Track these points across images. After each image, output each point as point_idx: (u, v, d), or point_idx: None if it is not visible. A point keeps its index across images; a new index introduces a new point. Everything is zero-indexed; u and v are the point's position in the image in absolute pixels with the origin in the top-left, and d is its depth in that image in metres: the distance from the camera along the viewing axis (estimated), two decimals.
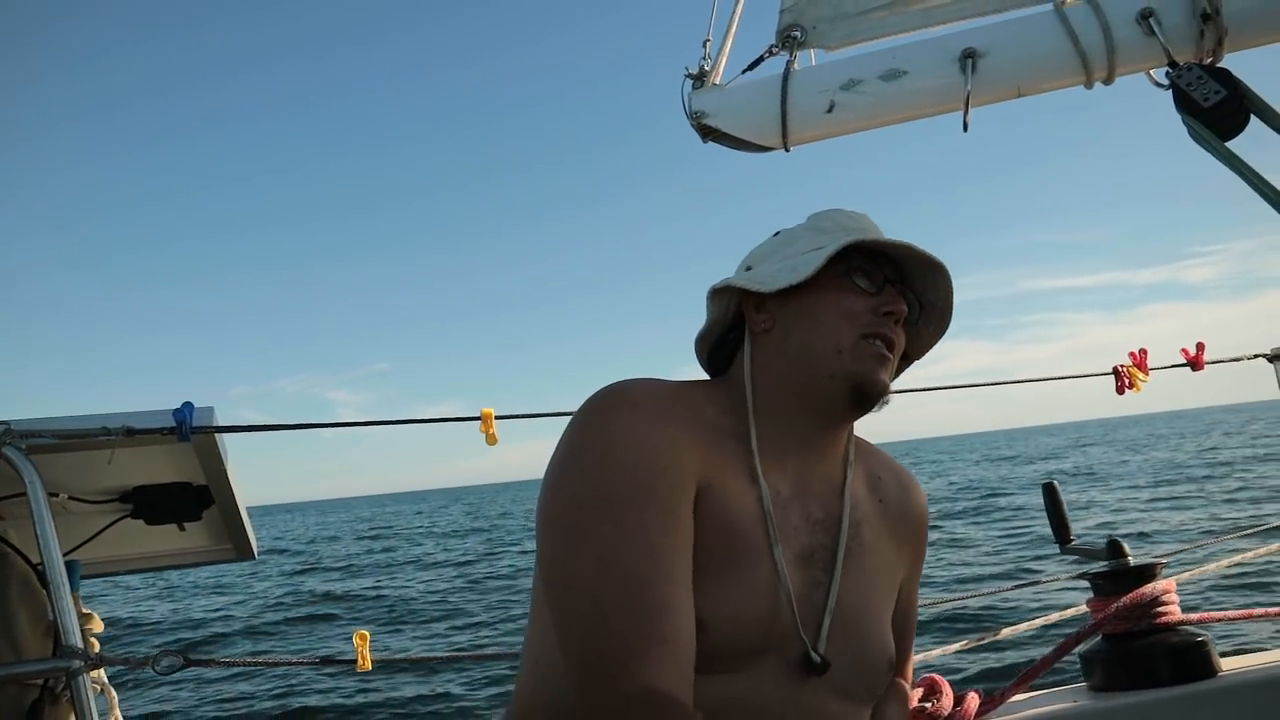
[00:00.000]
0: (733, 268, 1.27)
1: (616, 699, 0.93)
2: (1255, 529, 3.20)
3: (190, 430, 1.64)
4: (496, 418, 1.80)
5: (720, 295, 1.21)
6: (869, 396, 1.13)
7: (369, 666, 1.76)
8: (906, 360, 1.28)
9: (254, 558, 2.26)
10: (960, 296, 1.23)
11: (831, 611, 1.12)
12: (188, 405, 1.66)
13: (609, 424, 1.05)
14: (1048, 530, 1.71)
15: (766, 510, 1.09)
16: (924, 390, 2.25)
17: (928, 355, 1.31)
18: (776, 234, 1.26)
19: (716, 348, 1.24)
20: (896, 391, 1.25)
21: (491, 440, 1.77)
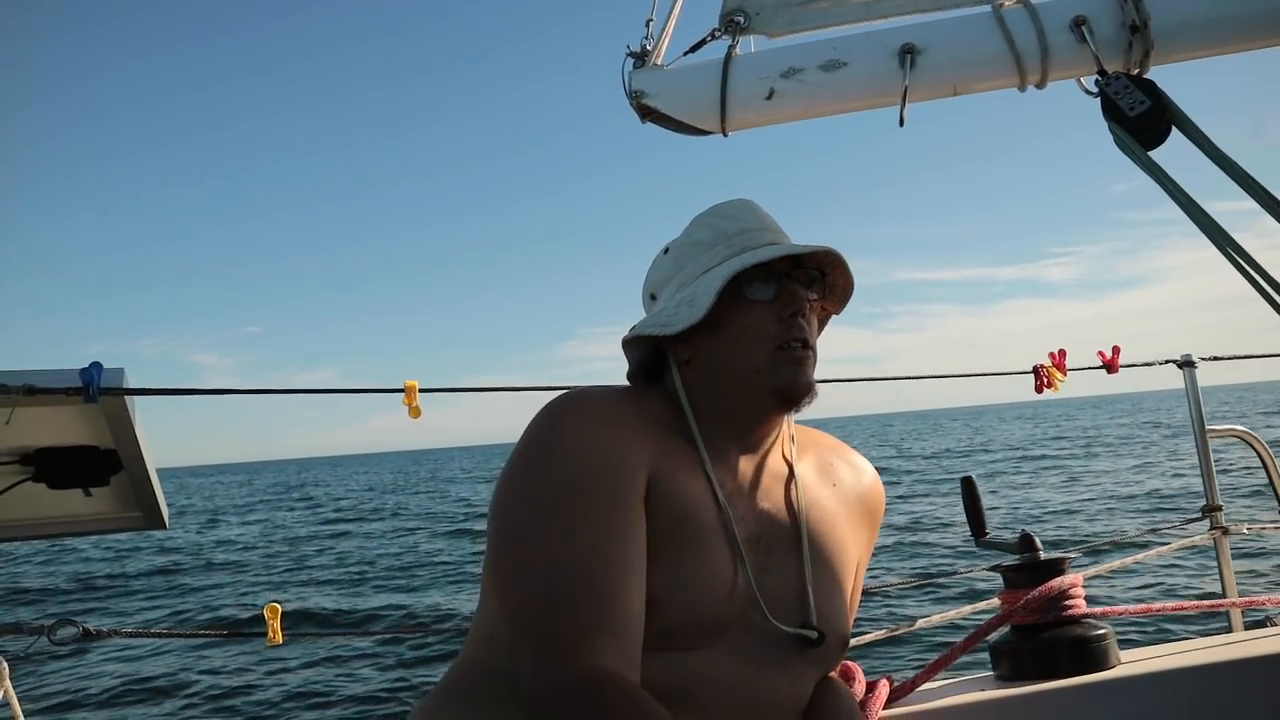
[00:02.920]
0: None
1: (564, 684, 0.97)
2: (1158, 527, 3.32)
3: (98, 391, 1.58)
4: (421, 391, 1.77)
5: (634, 342, 1.27)
6: (795, 401, 1.20)
7: (280, 640, 1.72)
8: (828, 313, 1.34)
9: (165, 527, 2.19)
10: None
11: (811, 585, 1.19)
12: (95, 365, 1.59)
13: (559, 426, 1.11)
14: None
15: (718, 497, 1.15)
16: (850, 381, 2.28)
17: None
18: (666, 250, 1.31)
19: (648, 367, 1.30)
20: (833, 380, 1.29)
21: (415, 413, 1.75)
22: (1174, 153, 1.51)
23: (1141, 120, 1.50)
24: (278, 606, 1.78)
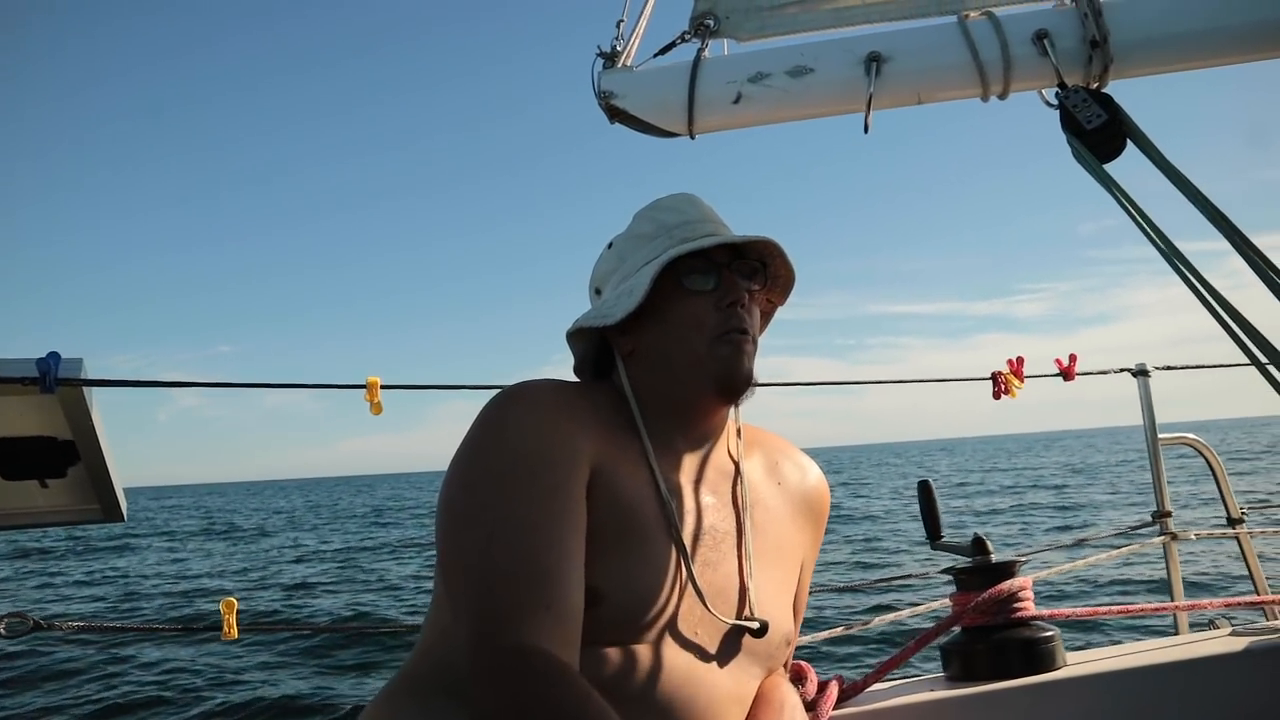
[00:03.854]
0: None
1: (500, 657, 0.98)
2: (1104, 534, 3.39)
3: (55, 381, 1.56)
4: (382, 387, 1.77)
5: (578, 335, 1.28)
6: (735, 389, 1.22)
7: (235, 635, 1.71)
8: (767, 318, 1.37)
9: (123, 520, 2.16)
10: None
11: (753, 580, 1.20)
12: (53, 355, 1.57)
13: (504, 417, 1.12)
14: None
15: (661, 491, 1.16)
16: (813, 385, 2.30)
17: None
18: (610, 245, 1.32)
19: (596, 361, 1.32)
20: (802, 384, 1.31)
21: (376, 410, 1.74)
22: (1130, 168, 1.54)
23: (1098, 134, 1.53)
24: (234, 601, 1.76)
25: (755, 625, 1.18)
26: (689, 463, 1.23)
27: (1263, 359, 1.12)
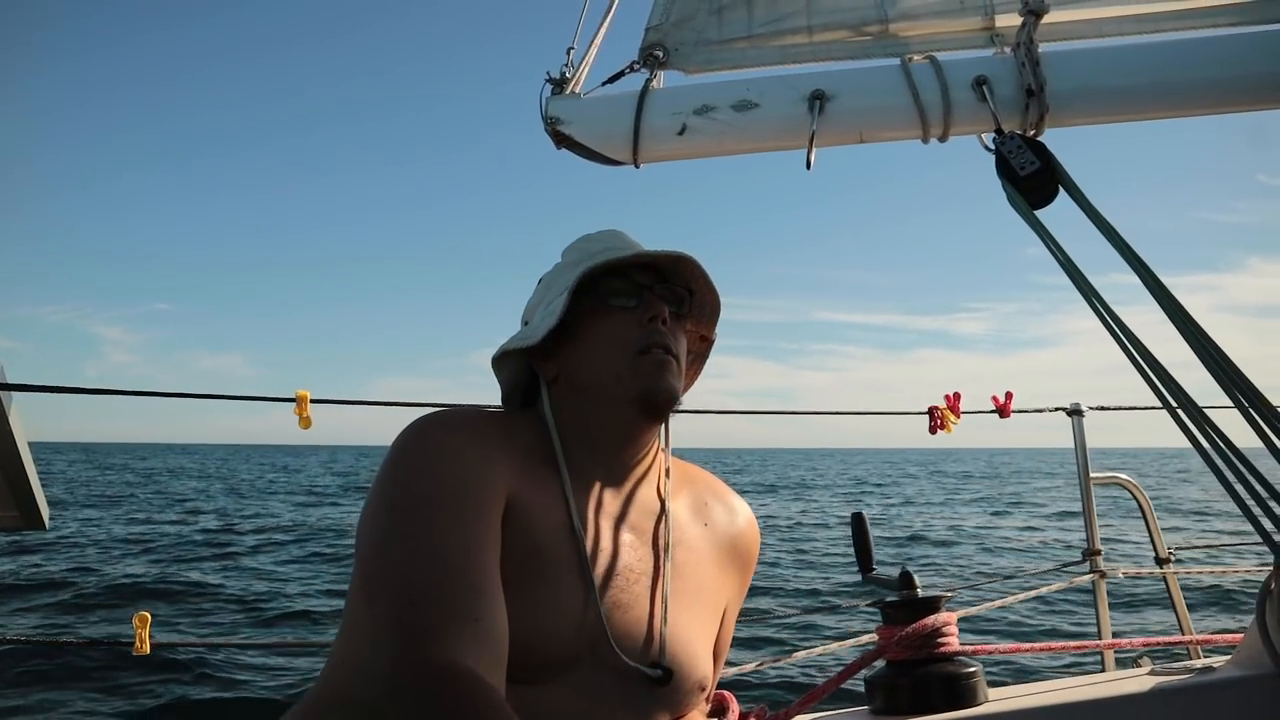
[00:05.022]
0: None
1: (424, 670, 0.94)
2: (1039, 570, 3.44)
3: None
4: (312, 401, 1.74)
5: (504, 360, 1.28)
6: (658, 406, 1.20)
7: (147, 650, 1.66)
8: (701, 359, 1.36)
9: (44, 528, 2.10)
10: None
11: (667, 624, 1.17)
12: None
13: (424, 442, 1.11)
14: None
15: (575, 529, 1.14)
16: (749, 413, 2.32)
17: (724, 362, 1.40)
18: (540, 280, 1.32)
19: (525, 390, 1.31)
20: (737, 412, 1.31)
21: (305, 424, 1.71)
22: (1064, 217, 1.59)
23: (1031, 180, 1.57)
24: (147, 615, 1.71)
25: (656, 674, 1.14)
26: (610, 498, 1.21)
27: (1174, 403, 1.15)
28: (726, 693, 1.47)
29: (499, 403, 1.34)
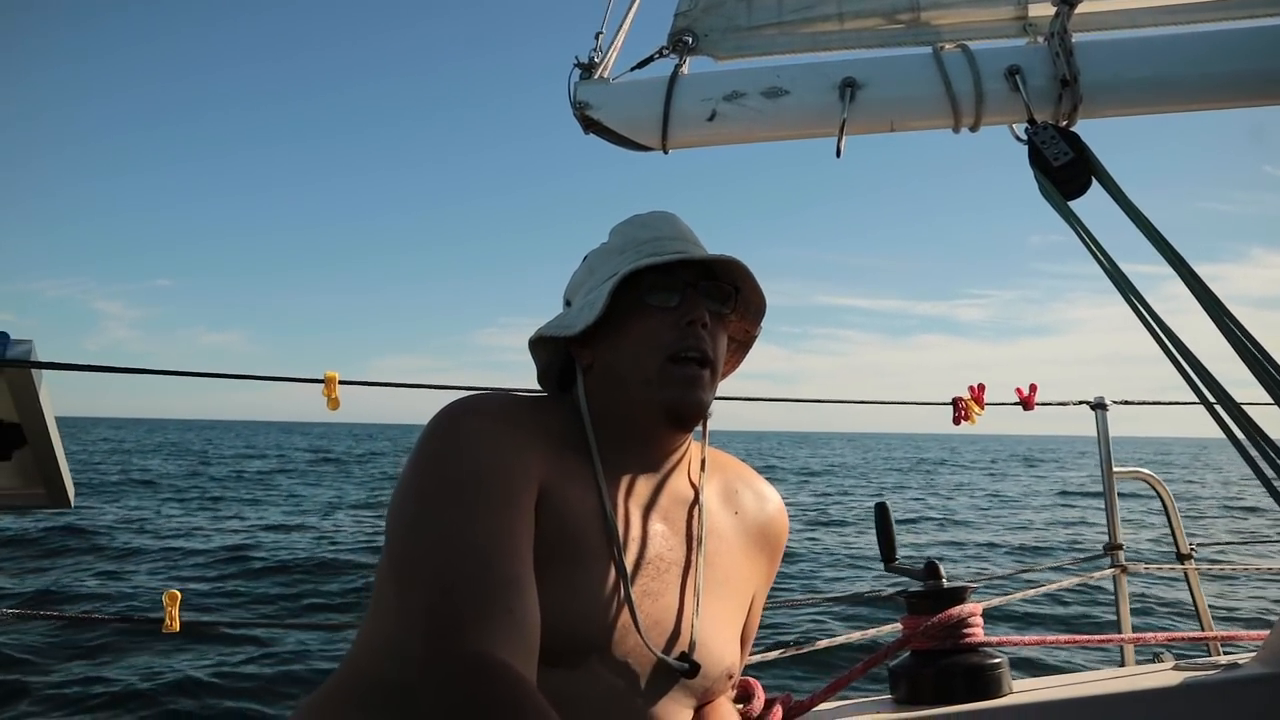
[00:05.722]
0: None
1: (457, 660, 0.93)
2: (1056, 564, 3.43)
3: (3, 363, 1.53)
4: (341, 383, 1.75)
5: (540, 342, 1.26)
6: (683, 419, 1.20)
7: (177, 628, 1.67)
8: (745, 348, 1.35)
9: (70, 505, 2.12)
10: (768, 299, 1.31)
11: (697, 614, 1.17)
12: (2, 335, 1.54)
13: (457, 428, 1.10)
14: None
15: (608, 516, 1.13)
16: (771, 400, 2.31)
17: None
18: (585, 259, 1.31)
19: (561, 372, 1.30)
20: (759, 399, 1.30)
21: (333, 405, 1.72)
22: (1093, 206, 1.57)
23: (1064, 171, 1.56)
24: (177, 594, 1.73)
25: (685, 666, 1.14)
26: (642, 487, 1.21)
27: (1211, 399, 1.14)
28: (752, 679, 1.48)
29: (506, 384, 1.34)
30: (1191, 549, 3.38)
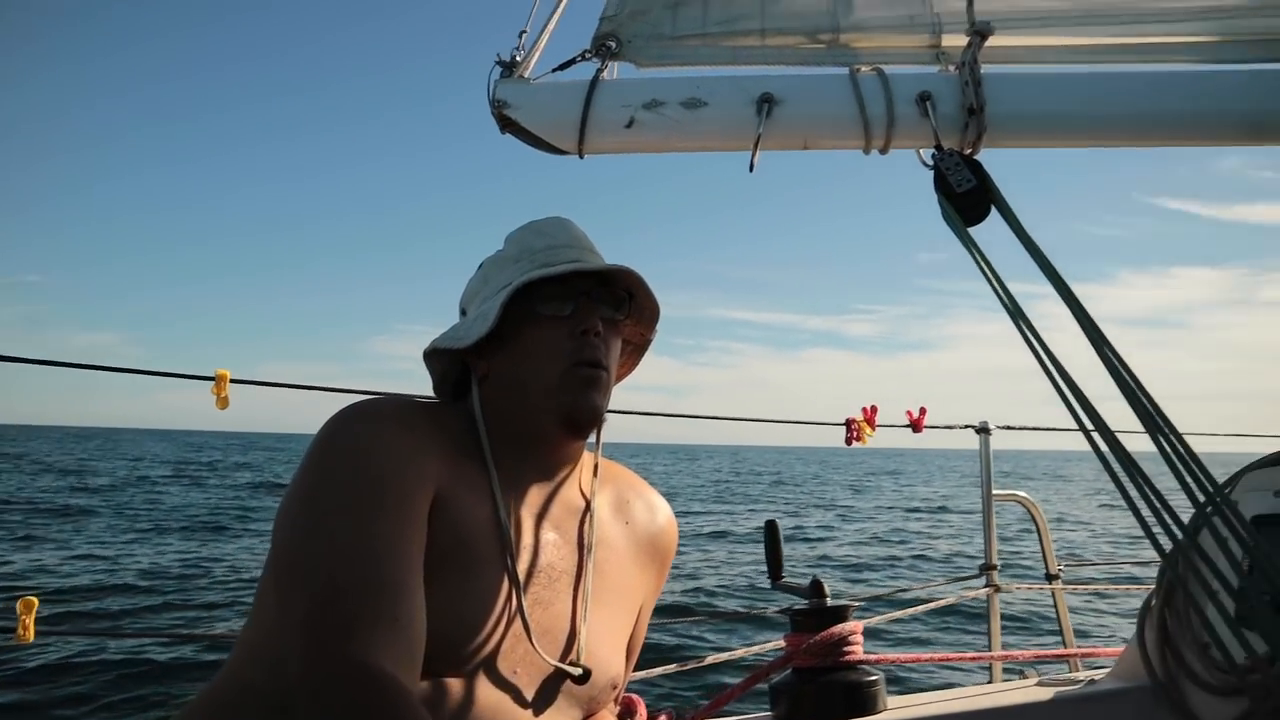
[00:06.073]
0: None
1: (338, 668, 0.91)
2: (935, 583, 3.54)
3: None
4: (232, 381, 1.67)
5: (435, 355, 1.25)
6: (580, 425, 1.20)
7: (31, 638, 1.55)
8: (640, 352, 1.36)
9: None
10: (663, 311, 1.31)
11: (586, 622, 1.17)
12: None
13: (349, 432, 1.08)
14: None
15: (502, 524, 1.13)
16: (667, 416, 2.32)
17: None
18: (480, 266, 1.31)
19: (457, 381, 1.29)
20: (655, 414, 1.30)
21: (222, 404, 1.64)
22: (989, 230, 1.61)
23: (966, 198, 1.60)
24: (34, 600, 1.59)
25: (577, 671, 1.14)
26: (535, 495, 1.21)
27: (1089, 426, 1.19)
28: (635, 696, 1.47)
29: (399, 388, 1.32)
30: (1060, 569, 3.53)
